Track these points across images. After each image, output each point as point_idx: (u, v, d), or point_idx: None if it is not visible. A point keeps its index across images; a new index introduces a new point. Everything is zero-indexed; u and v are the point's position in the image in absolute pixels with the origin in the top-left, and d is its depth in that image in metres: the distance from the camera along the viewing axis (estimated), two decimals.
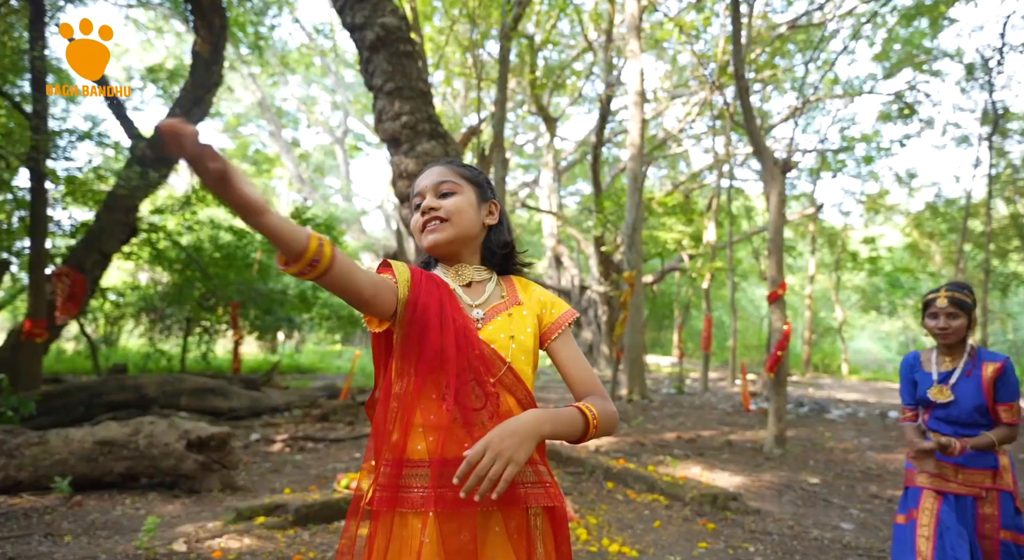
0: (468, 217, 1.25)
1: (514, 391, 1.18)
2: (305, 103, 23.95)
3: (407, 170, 5.55)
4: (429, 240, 1.24)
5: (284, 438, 6.08)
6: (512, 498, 1.12)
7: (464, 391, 1.12)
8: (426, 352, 1.12)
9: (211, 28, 9.15)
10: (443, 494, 1.08)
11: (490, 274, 1.30)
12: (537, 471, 1.17)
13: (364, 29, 5.68)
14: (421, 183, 1.29)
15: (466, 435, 1.10)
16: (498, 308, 1.25)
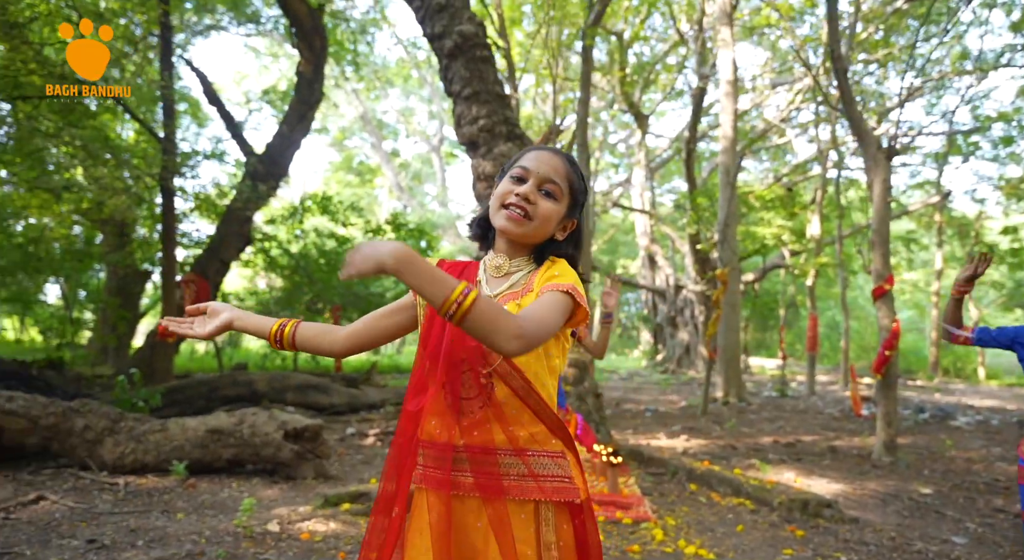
0: (547, 228, 1.22)
1: (509, 380, 1.15)
2: (404, 114, 25.04)
3: (485, 172, 5.68)
4: (503, 225, 1.20)
5: (376, 432, 6.40)
6: (493, 489, 1.13)
7: (457, 380, 1.16)
8: (431, 342, 1.20)
9: (312, 49, 9.82)
10: (429, 474, 1.18)
11: (528, 266, 1.26)
12: (528, 464, 1.14)
13: (443, 38, 5.88)
14: (532, 162, 1.23)
15: (455, 423, 1.14)
16: (509, 297, 1.22)
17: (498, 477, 1.13)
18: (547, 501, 1.14)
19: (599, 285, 26.82)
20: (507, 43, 11.86)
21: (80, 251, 12.54)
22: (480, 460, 1.14)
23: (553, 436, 1.18)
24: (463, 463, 1.14)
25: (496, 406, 1.15)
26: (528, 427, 1.16)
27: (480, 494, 1.13)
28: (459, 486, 1.14)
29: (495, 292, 1.24)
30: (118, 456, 4.35)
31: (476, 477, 1.13)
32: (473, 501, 1.14)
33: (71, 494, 3.99)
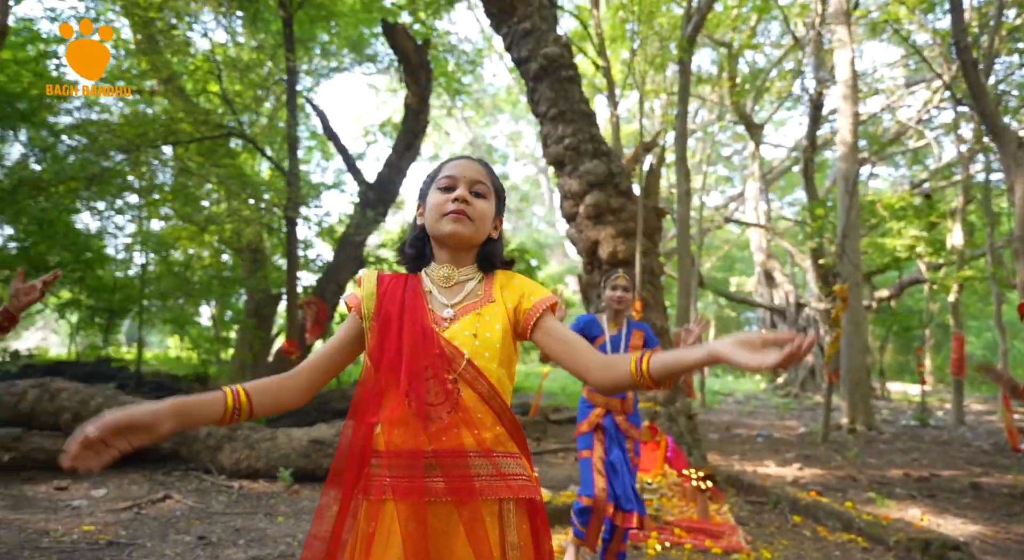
0: (485, 226, 1.31)
1: (475, 385, 1.19)
2: (512, 138, 25.70)
3: (571, 190, 5.70)
4: (452, 229, 1.26)
5: None
6: (465, 490, 1.14)
7: (421, 388, 1.17)
8: (385, 356, 1.20)
9: (419, 82, 10.41)
10: (396, 484, 1.14)
11: (475, 274, 1.33)
12: (495, 464, 1.18)
13: (529, 61, 6.02)
14: (456, 170, 1.31)
15: (422, 429, 1.15)
16: (468, 307, 1.27)
17: (470, 478, 1.15)
18: (509, 501, 1.18)
19: (711, 303, 25.69)
20: (607, 61, 11.87)
21: (225, 277, 14.01)
22: (451, 464, 1.15)
23: (511, 438, 1.22)
24: (434, 469, 1.15)
25: (464, 410, 1.17)
26: (492, 429, 1.20)
27: (452, 497, 1.14)
28: (431, 492, 1.14)
29: (452, 302, 1.27)
30: (234, 461, 4.78)
31: (448, 481, 1.15)
32: (442, 506, 1.15)
33: (193, 494, 4.43)
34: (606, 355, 1.29)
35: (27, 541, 3.34)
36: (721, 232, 22.82)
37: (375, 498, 1.15)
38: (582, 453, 3.10)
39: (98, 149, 8.84)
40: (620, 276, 3.05)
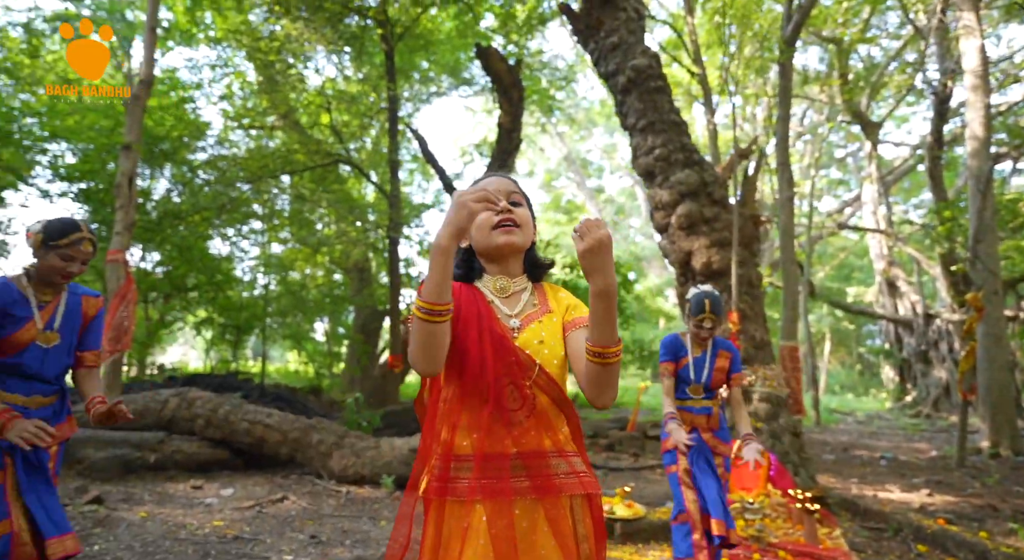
0: (531, 230, 1.39)
1: (548, 391, 1.27)
2: (607, 151, 25.57)
3: (662, 201, 5.63)
4: (505, 240, 1.32)
5: None
6: (548, 488, 1.22)
7: (502, 394, 1.24)
8: (469, 363, 1.26)
9: (511, 101, 10.67)
10: (485, 485, 1.21)
11: (526, 283, 1.41)
12: (570, 463, 1.27)
13: (616, 75, 6.03)
14: (490, 186, 1.37)
15: (506, 433, 1.23)
16: (532, 316, 1.34)
17: (551, 477, 1.23)
18: (577, 496, 1.26)
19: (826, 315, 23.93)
20: (702, 68, 11.57)
21: (336, 295, 14.96)
22: (534, 464, 1.23)
23: (574, 439, 1.32)
24: (519, 470, 1.23)
25: (540, 414, 1.26)
26: (562, 430, 1.30)
27: (536, 495, 1.22)
28: (517, 491, 1.22)
29: (515, 312, 1.35)
30: (343, 467, 5.09)
31: (532, 480, 1.22)
32: (527, 503, 1.22)
33: (306, 497, 4.77)
34: None
35: (168, 533, 3.75)
36: (836, 239, 21.38)
37: (467, 499, 1.22)
38: (669, 468, 3.07)
39: (226, 181, 9.81)
40: (707, 317, 2.96)
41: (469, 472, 1.23)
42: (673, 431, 2.84)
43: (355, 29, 10.19)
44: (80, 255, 2.13)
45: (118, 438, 5.03)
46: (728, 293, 5.37)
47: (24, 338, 2.06)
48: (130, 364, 15.45)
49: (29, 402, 2.09)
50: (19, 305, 2.08)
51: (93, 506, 4.06)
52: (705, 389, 3.02)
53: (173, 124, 9.71)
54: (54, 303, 2.17)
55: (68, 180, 11.61)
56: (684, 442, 2.76)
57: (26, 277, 2.15)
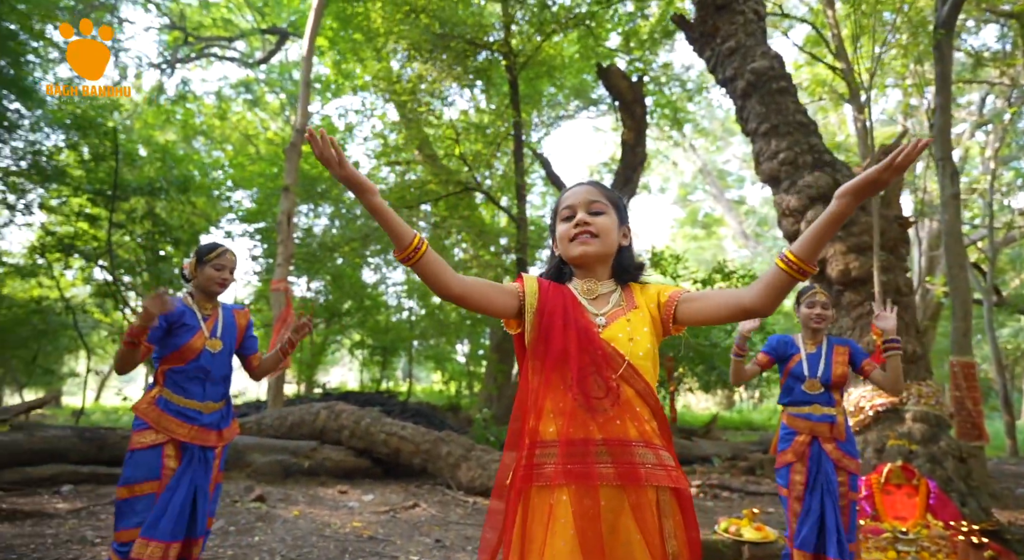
0: (612, 237, 1.43)
1: (633, 383, 1.31)
2: (745, 160, 24.30)
3: (790, 207, 5.32)
4: (580, 251, 1.39)
5: (699, 484, 6.26)
6: (632, 476, 1.24)
7: (586, 382, 1.29)
8: (552, 350, 1.32)
9: (634, 117, 10.65)
10: (570, 469, 1.24)
11: (615, 286, 1.45)
12: (658, 455, 1.28)
13: (735, 80, 5.84)
14: (572, 198, 1.45)
15: (591, 420, 1.27)
16: (617, 314, 1.39)
17: (636, 466, 1.25)
18: (665, 489, 1.27)
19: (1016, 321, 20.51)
20: (848, 63, 10.72)
21: (474, 317, 15.65)
22: (619, 451, 1.26)
23: (661, 433, 1.33)
24: (603, 456, 1.25)
25: (625, 404, 1.29)
26: (649, 423, 1.31)
27: (621, 482, 1.23)
28: (602, 477, 1.24)
29: (603, 311, 1.40)
30: (470, 479, 5.33)
31: (617, 466, 1.25)
32: (612, 489, 1.24)
33: (436, 505, 5.05)
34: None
35: (315, 530, 4.17)
36: None
37: (552, 484, 1.25)
38: (781, 489, 2.88)
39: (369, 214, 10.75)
40: (818, 292, 2.83)
41: (554, 457, 1.26)
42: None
43: (481, 63, 10.79)
44: (227, 263, 2.56)
45: (278, 445, 5.69)
46: (871, 302, 4.92)
47: (197, 344, 2.47)
48: (298, 383, 17.20)
49: (203, 407, 2.45)
50: (188, 316, 2.51)
51: (257, 503, 4.63)
52: (824, 385, 2.81)
53: None
54: (214, 316, 2.59)
55: (246, 221, 13.39)
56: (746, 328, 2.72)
57: (190, 296, 2.58)
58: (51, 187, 11.10)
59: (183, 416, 2.42)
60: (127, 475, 2.36)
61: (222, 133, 16.97)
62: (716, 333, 10.47)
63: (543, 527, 1.24)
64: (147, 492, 2.34)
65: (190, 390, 2.45)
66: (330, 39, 11.23)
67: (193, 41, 16.30)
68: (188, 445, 2.40)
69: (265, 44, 16.64)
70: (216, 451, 2.53)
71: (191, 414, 2.43)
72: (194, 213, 12.44)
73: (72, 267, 12.62)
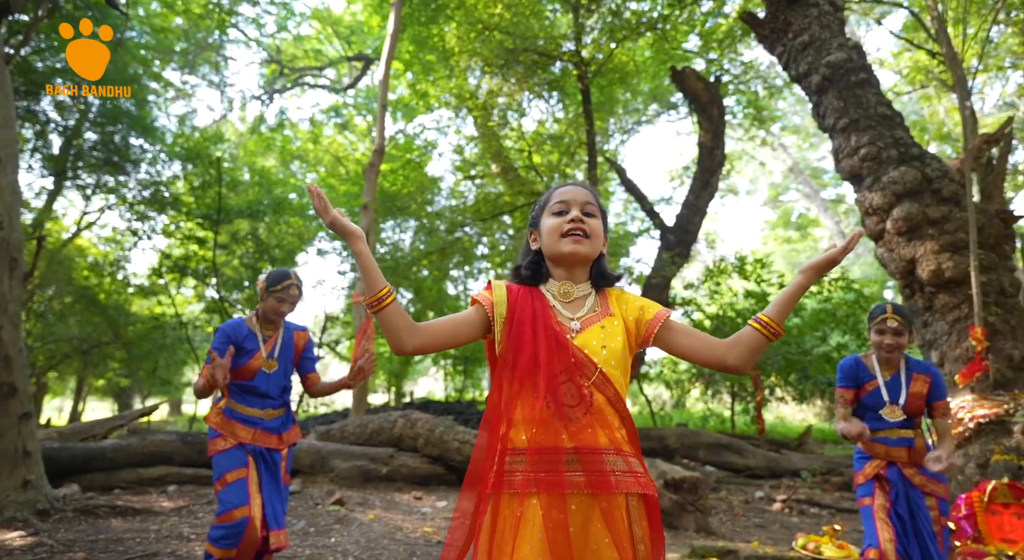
0: (600, 241, 1.44)
1: (604, 390, 1.30)
2: None
3: (874, 205, 5.01)
4: (572, 248, 1.38)
5: (785, 498, 5.95)
6: (603, 483, 1.24)
7: (558, 390, 1.29)
8: (522, 359, 1.31)
9: (711, 119, 10.35)
10: (540, 478, 1.24)
11: (590, 290, 1.45)
12: (627, 462, 1.28)
13: (809, 75, 5.58)
14: (567, 194, 1.44)
15: (562, 428, 1.26)
16: (592, 319, 1.38)
17: (607, 473, 1.25)
18: (633, 496, 1.27)
19: None
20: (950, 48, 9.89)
21: None
22: (589, 460, 1.26)
23: (630, 440, 1.33)
24: (574, 464, 1.25)
25: (597, 412, 1.29)
26: (619, 430, 1.31)
27: (592, 490, 1.24)
28: (571, 485, 1.24)
29: (577, 315, 1.40)
30: None
31: (587, 475, 1.24)
32: (581, 498, 1.24)
33: None
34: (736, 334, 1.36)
35: (388, 533, 4.34)
36: None
37: (521, 492, 1.24)
38: (862, 501, 2.69)
39: (452, 227, 11.10)
40: (889, 316, 2.57)
41: (523, 465, 1.26)
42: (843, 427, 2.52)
43: (553, 74, 10.89)
44: (290, 298, 2.74)
45: (358, 452, 5.96)
46: (968, 304, 4.53)
47: (254, 366, 2.69)
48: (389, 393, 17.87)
49: (263, 414, 2.71)
50: (249, 339, 2.73)
51: (336, 507, 4.88)
52: (903, 411, 2.61)
53: (403, 182, 11.31)
54: (274, 338, 2.80)
55: (335, 240, 14.17)
56: (858, 431, 2.44)
57: (255, 317, 2.80)
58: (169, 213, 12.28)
59: (247, 422, 2.65)
60: (217, 472, 2.61)
61: (315, 156, 18.04)
62: (808, 339, 9.93)
63: (513, 533, 1.24)
64: (239, 478, 2.57)
65: (250, 400, 2.69)
66: (406, 62, 11.72)
67: (288, 72, 17.49)
68: (253, 447, 2.62)
69: (352, 70, 17.58)
70: (281, 454, 2.73)
71: (253, 420, 2.66)
72: (288, 232, 13.32)
73: (186, 286, 13.84)
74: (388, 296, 1.31)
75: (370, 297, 1.31)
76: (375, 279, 1.32)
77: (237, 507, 2.51)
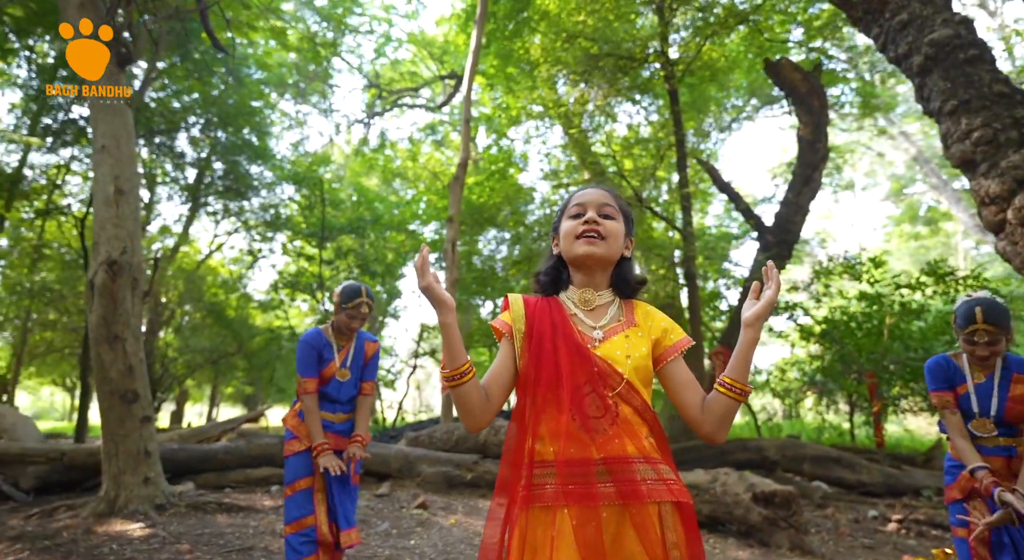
0: (618, 244, 1.40)
1: (631, 400, 1.29)
2: None
3: (990, 193, 4.49)
4: (586, 250, 1.35)
5: (901, 518, 5.42)
6: (634, 493, 1.21)
7: (583, 403, 1.27)
8: (544, 373, 1.30)
9: (811, 111, 9.73)
10: (570, 490, 1.22)
11: (613, 298, 1.42)
12: (657, 470, 1.27)
13: (910, 56, 5.12)
14: (583, 198, 1.42)
15: (589, 440, 1.24)
16: (616, 329, 1.36)
17: (637, 483, 1.23)
18: (667, 503, 1.25)
19: None
20: None
21: None
22: (619, 470, 1.24)
23: (660, 448, 1.32)
24: (604, 475, 1.24)
25: (624, 422, 1.27)
26: (648, 439, 1.31)
27: (622, 501, 1.21)
28: (603, 497, 1.22)
29: (599, 324, 1.37)
30: None
31: (618, 485, 1.22)
32: (613, 509, 1.22)
33: None
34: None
35: (465, 538, 4.42)
36: None
37: (553, 505, 1.22)
38: (956, 530, 2.40)
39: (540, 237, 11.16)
40: (979, 328, 2.24)
41: (553, 478, 1.24)
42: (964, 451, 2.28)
43: (640, 76, 10.69)
44: (359, 314, 2.89)
45: (444, 458, 6.12)
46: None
47: (328, 374, 2.87)
48: None
49: (334, 418, 2.89)
50: (326, 349, 2.90)
51: (419, 510, 5.04)
52: (997, 424, 2.32)
53: (490, 194, 11.54)
54: (347, 348, 2.96)
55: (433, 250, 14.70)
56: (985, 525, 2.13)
57: (332, 327, 2.97)
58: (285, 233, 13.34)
59: None
60: (287, 477, 2.81)
61: (415, 173, 18.84)
62: (935, 344, 8.97)
63: (548, 548, 1.21)
64: (304, 487, 2.76)
65: (323, 405, 2.85)
66: (490, 77, 11.98)
67: (386, 95, 18.44)
68: None
69: (445, 88, 18.23)
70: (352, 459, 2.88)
71: (325, 423, 2.82)
72: (386, 247, 13.99)
73: (297, 299, 14.91)
74: (469, 373, 1.28)
75: (450, 370, 1.27)
76: (457, 352, 1.28)
77: (305, 516, 2.71)
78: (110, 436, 4.30)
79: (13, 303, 12.79)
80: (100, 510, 4.18)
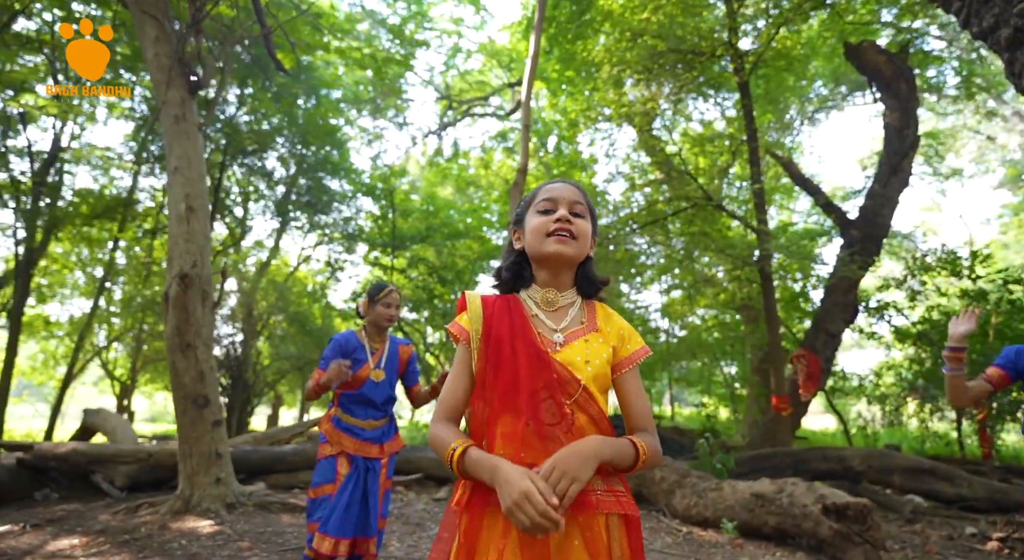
0: (586, 244, 1.36)
1: (587, 409, 1.26)
2: None
3: None
4: (556, 249, 1.31)
5: (1003, 537, 4.89)
6: (584, 503, 1.19)
7: (539, 408, 1.23)
8: (501, 378, 1.26)
9: (898, 96, 9.07)
10: None
11: (575, 298, 1.37)
12: (607, 482, 1.25)
13: (996, 29, 4.64)
14: (554, 192, 1.37)
15: (542, 447, 1.21)
16: (577, 333, 1.32)
17: (587, 493, 1.20)
18: (613, 515, 1.24)
19: None
20: None
21: (734, 336, 14.72)
22: None
23: None
24: None
25: (579, 431, 1.24)
26: None
27: (571, 509, 1.17)
28: None
29: (560, 326, 1.33)
30: (685, 507, 5.03)
31: None
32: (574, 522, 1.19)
33: (647, 531, 4.87)
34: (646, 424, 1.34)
35: None
36: None
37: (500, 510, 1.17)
38: None
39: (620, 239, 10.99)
40: None
41: None
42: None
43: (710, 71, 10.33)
44: (394, 302, 2.98)
45: None
46: None
47: (363, 375, 2.94)
48: None
49: (364, 424, 2.93)
50: (359, 351, 2.98)
51: None
52: None
53: None
54: (381, 350, 3.03)
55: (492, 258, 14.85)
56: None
57: (364, 330, 3.06)
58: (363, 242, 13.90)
59: (351, 432, 2.89)
60: (314, 480, 2.90)
61: (487, 181, 19.10)
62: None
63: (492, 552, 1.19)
64: (326, 493, 2.84)
65: (355, 411, 2.92)
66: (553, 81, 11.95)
67: (457, 105, 18.83)
68: (355, 456, 2.85)
69: (514, 96, 18.39)
70: (382, 462, 2.93)
71: (356, 430, 2.89)
72: (458, 255, 14.24)
73: None
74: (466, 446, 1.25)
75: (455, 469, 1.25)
76: None
77: (318, 521, 2.77)
78: (185, 439, 4.61)
79: (129, 315, 14.02)
80: (176, 507, 4.49)
